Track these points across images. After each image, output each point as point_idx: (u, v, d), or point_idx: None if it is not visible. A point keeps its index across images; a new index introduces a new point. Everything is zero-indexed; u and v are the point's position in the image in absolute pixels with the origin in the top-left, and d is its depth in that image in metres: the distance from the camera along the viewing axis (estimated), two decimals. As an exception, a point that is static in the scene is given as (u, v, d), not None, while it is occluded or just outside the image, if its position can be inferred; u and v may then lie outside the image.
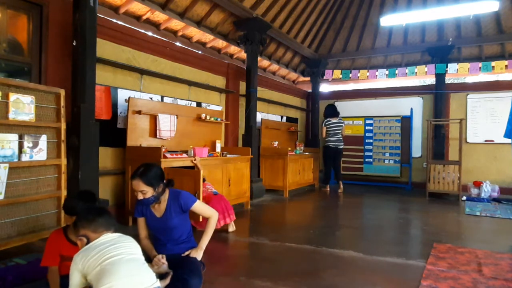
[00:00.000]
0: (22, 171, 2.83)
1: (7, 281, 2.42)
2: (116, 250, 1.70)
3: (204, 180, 4.27)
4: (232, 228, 4.07)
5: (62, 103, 3.11)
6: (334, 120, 7.56)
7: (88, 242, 1.76)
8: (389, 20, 6.48)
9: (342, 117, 8.97)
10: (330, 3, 7.97)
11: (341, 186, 7.47)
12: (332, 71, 8.44)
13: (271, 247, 3.51)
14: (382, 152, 8.51)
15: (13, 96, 2.73)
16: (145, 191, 2.30)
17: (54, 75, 3.76)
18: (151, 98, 4.93)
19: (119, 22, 4.72)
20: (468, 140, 7.80)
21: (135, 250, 1.80)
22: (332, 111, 7.67)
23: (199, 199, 3.67)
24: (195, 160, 4.38)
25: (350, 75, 8.25)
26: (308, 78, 9.35)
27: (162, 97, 5.19)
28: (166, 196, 2.47)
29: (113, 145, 4.46)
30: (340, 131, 7.55)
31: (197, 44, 6.23)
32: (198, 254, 2.43)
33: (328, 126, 7.55)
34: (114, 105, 4.46)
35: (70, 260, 2.12)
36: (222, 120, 5.93)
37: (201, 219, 3.75)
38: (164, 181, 2.43)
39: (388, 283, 2.64)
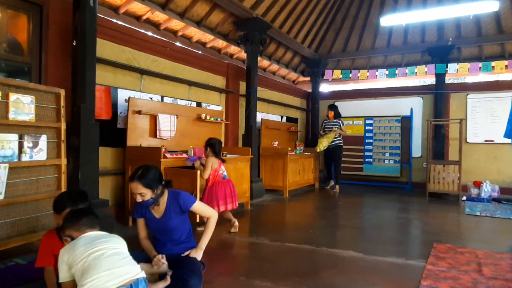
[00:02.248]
0: (22, 171, 2.83)
1: (7, 281, 2.42)
2: (101, 245, 1.75)
3: (224, 161, 4.28)
4: (234, 229, 4.06)
5: (62, 103, 3.11)
6: None
7: (72, 240, 1.84)
8: (389, 20, 6.48)
9: (342, 117, 9.01)
10: (330, 3, 7.97)
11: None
12: (332, 71, 8.44)
13: (271, 247, 3.51)
14: (382, 152, 8.51)
15: (13, 96, 2.73)
16: (144, 194, 2.29)
17: (54, 75, 3.76)
18: (151, 98, 4.93)
19: (119, 22, 4.72)
20: (468, 140, 7.80)
21: (119, 245, 1.85)
22: None
23: (197, 198, 3.69)
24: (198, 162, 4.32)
25: (350, 75, 8.26)
26: (308, 78, 9.36)
27: (162, 97, 5.19)
28: (165, 197, 2.47)
29: (113, 145, 4.45)
30: None
31: (197, 44, 6.23)
32: (198, 254, 2.43)
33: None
34: (114, 105, 4.46)
35: None
36: (222, 120, 5.93)
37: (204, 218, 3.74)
38: (163, 182, 2.43)
39: (388, 283, 2.64)
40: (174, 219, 2.45)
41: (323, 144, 7.35)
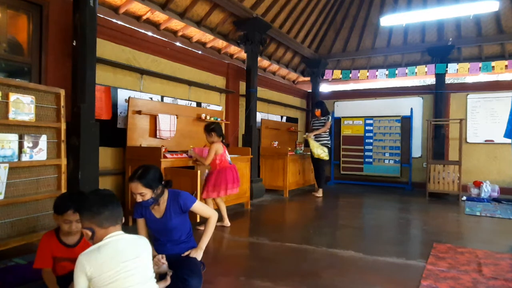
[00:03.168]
0: (22, 171, 2.83)
1: (7, 281, 2.42)
2: (128, 275, 1.57)
3: (228, 145, 4.50)
4: (226, 223, 4.26)
5: (62, 103, 3.11)
6: None
7: (93, 235, 1.63)
8: (389, 20, 6.48)
9: (342, 117, 9.03)
10: (330, 3, 7.98)
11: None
12: (332, 71, 8.44)
13: (271, 247, 3.51)
14: (382, 152, 8.51)
15: (13, 96, 2.72)
16: (144, 193, 2.28)
17: (54, 75, 3.76)
18: (151, 98, 4.93)
19: (119, 22, 4.72)
20: (468, 140, 7.80)
21: (145, 268, 1.68)
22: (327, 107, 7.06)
23: (197, 198, 3.70)
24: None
25: (350, 75, 8.26)
26: (308, 78, 9.36)
27: (162, 97, 5.19)
28: (165, 197, 2.47)
29: (113, 145, 4.45)
30: None
31: (197, 44, 6.23)
32: (198, 254, 2.43)
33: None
34: (114, 105, 4.46)
35: (64, 261, 2.11)
36: (222, 120, 5.93)
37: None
38: (163, 182, 2.42)
39: (388, 283, 2.64)
40: (174, 219, 2.45)
41: (318, 151, 6.59)
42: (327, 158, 6.69)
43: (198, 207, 2.52)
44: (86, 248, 1.66)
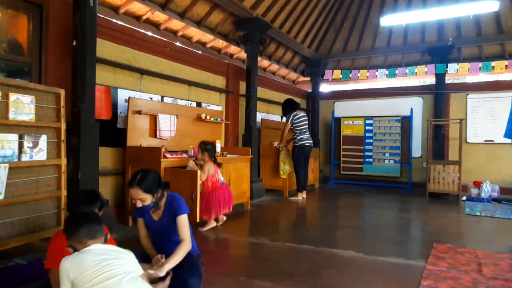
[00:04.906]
0: (22, 171, 2.83)
1: (7, 281, 2.42)
2: (111, 268, 1.62)
3: (220, 165, 4.36)
4: (221, 221, 4.25)
5: (62, 103, 3.11)
6: (301, 113, 6.40)
7: (75, 251, 1.71)
8: (389, 20, 6.48)
9: (342, 117, 9.01)
10: (330, 3, 7.97)
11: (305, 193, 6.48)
12: (332, 71, 8.44)
13: (271, 247, 3.51)
14: (382, 152, 8.50)
15: (13, 96, 2.72)
16: (144, 199, 2.24)
17: (54, 75, 3.76)
18: (151, 98, 4.93)
19: (119, 22, 4.72)
20: (468, 140, 7.79)
21: (128, 266, 1.71)
22: (294, 104, 6.49)
23: (196, 199, 3.70)
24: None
25: (350, 75, 8.26)
26: (308, 78, 9.35)
27: (162, 97, 5.19)
28: (164, 199, 2.45)
29: (113, 145, 4.45)
30: (308, 126, 6.48)
31: (197, 44, 6.23)
32: (160, 270, 2.10)
33: (296, 122, 6.27)
34: (114, 105, 4.46)
35: None
36: (222, 120, 5.93)
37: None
38: (162, 185, 2.40)
39: (388, 283, 2.64)
40: (172, 221, 2.43)
41: (281, 165, 6.46)
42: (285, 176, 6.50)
43: (183, 220, 2.37)
44: None
